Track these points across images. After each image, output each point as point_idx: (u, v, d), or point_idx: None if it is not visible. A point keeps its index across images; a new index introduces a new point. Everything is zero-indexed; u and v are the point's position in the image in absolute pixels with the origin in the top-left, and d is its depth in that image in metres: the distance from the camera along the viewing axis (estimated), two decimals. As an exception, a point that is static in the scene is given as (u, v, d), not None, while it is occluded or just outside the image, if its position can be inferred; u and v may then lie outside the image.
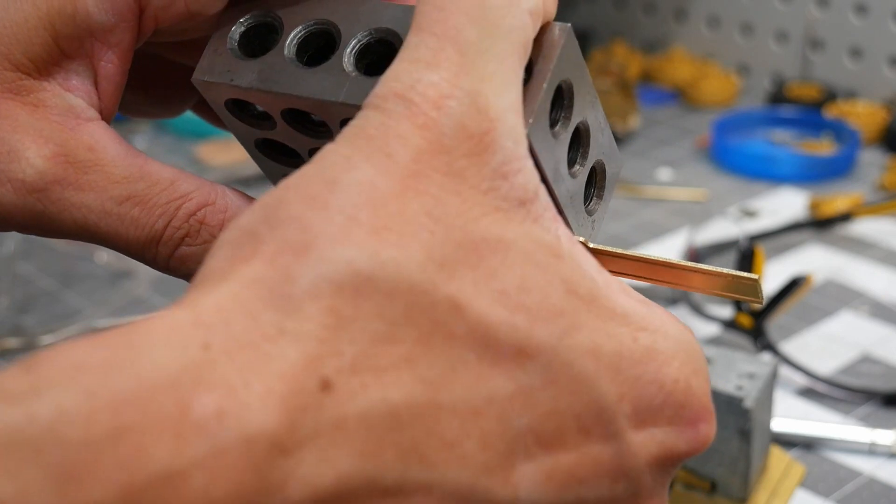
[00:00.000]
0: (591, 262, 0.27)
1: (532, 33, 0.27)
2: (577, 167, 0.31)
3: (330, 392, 0.22)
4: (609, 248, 0.30)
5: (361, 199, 0.24)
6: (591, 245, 0.30)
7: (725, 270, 0.30)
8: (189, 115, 0.40)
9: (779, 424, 0.52)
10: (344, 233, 0.24)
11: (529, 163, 0.26)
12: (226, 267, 0.24)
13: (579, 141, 0.31)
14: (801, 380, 0.57)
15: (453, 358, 0.24)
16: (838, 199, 0.77)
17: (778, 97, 0.96)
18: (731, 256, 0.67)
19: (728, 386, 0.45)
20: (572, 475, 0.25)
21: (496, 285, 0.24)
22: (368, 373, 0.23)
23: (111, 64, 0.32)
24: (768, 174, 0.84)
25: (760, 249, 0.62)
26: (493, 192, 0.25)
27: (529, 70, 0.28)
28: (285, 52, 0.31)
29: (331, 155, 0.25)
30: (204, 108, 0.39)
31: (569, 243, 0.26)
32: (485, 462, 0.24)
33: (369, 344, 0.23)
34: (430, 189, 0.25)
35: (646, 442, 0.26)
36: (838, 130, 0.89)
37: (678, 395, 0.27)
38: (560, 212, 0.30)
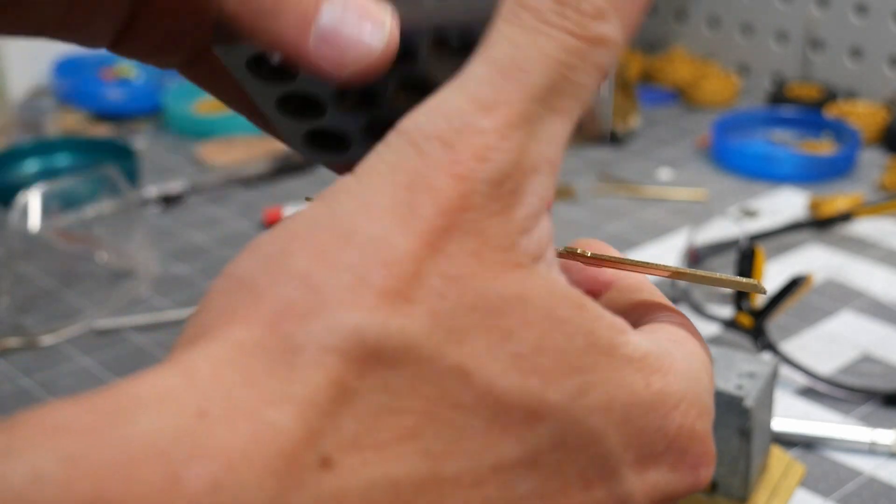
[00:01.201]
0: (602, 308, 0.26)
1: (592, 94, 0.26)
2: None
3: (330, 469, 0.21)
4: (609, 256, 0.30)
5: (375, 257, 0.23)
6: (590, 254, 0.30)
7: (726, 277, 0.30)
8: (189, 114, 0.40)
9: (779, 424, 0.52)
10: (353, 296, 0.22)
11: (546, 214, 0.25)
12: (223, 324, 0.22)
13: None
14: (801, 379, 0.57)
15: (459, 427, 0.23)
16: (838, 199, 0.77)
17: (778, 97, 0.96)
18: (731, 256, 0.67)
19: (728, 385, 0.45)
20: None
21: (511, 348, 0.23)
22: (370, 448, 0.22)
23: None
24: (768, 174, 0.84)
25: (760, 249, 0.62)
26: (515, 248, 0.24)
27: None
28: None
29: (348, 199, 0.23)
30: (195, 70, 0.38)
31: (581, 292, 0.25)
32: None
33: (372, 417, 0.22)
34: (449, 247, 0.23)
35: (645, 487, 0.26)
36: (838, 130, 0.89)
37: (682, 441, 0.26)
38: None
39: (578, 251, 0.30)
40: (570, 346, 0.24)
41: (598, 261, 0.30)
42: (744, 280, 0.29)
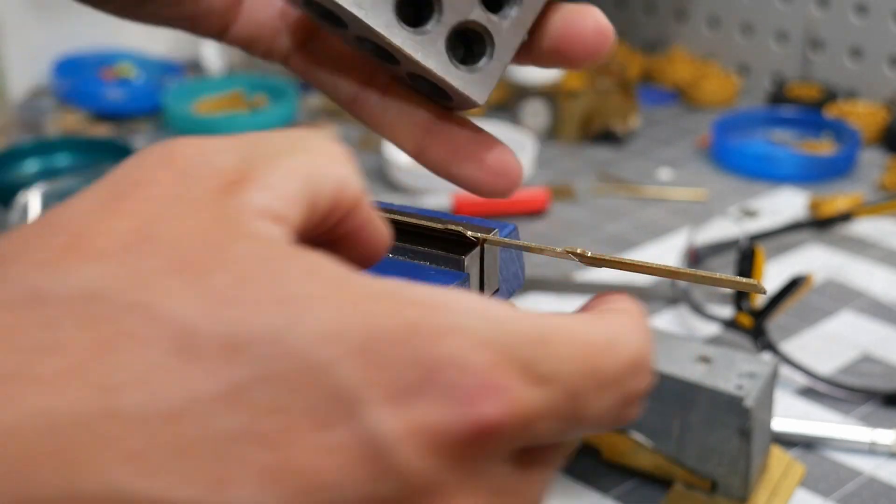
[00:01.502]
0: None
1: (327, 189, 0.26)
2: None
3: None
4: (608, 257, 0.30)
5: (61, 225, 0.23)
6: (589, 254, 0.30)
7: (726, 277, 0.30)
8: (189, 114, 0.41)
9: (779, 424, 0.52)
10: (35, 253, 0.23)
11: (283, 228, 0.25)
12: None
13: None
14: (801, 379, 0.57)
15: (139, 362, 0.22)
16: (838, 199, 0.77)
17: (778, 97, 0.96)
18: (732, 256, 0.67)
19: (728, 385, 0.45)
20: (309, 475, 0.22)
21: (206, 282, 0.22)
22: (28, 382, 0.21)
23: None
24: (768, 174, 0.85)
25: (760, 249, 0.62)
26: (228, 209, 0.24)
27: None
28: None
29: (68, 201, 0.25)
30: (299, 61, 0.39)
31: (313, 252, 0.24)
32: (183, 471, 0.21)
33: (32, 352, 0.21)
34: (151, 207, 0.23)
35: (406, 425, 0.22)
36: (838, 130, 0.89)
37: (447, 373, 0.23)
38: None
39: (578, 251, 0.30)
40: (281, 278, 0.23)
41: (598, 261, 0.30)
42: (744, 280, 0.29)
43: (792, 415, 0.54)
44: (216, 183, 0.24)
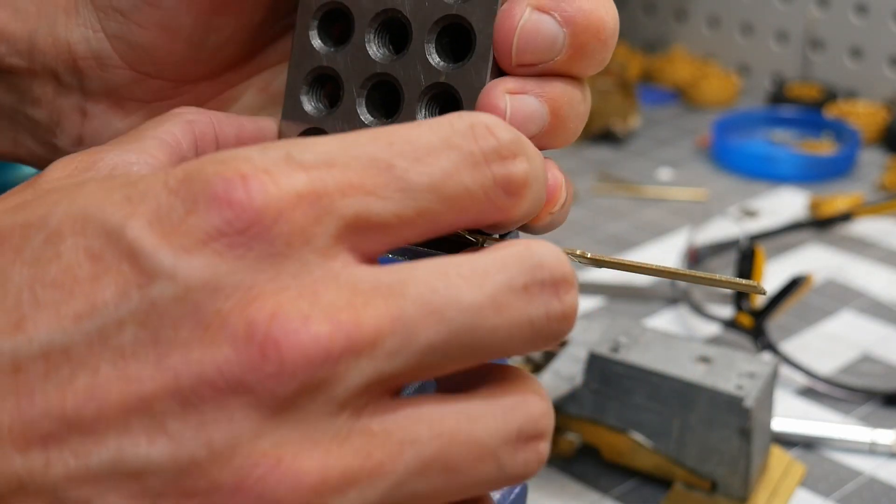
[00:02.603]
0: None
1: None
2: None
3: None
4: (608, 257, 0.30)
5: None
6: (589, 255, 0.30)
7: (725, 278, 0.30)
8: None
9: (779, 424, 0.52)
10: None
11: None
12: None
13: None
14: (801, 379, 0.57)
15: None
16: (838, 199, 0.77)
17: (778, 97, 0.96)
18: (732, 256, 0.67)
19: (728, 385, 0.45)
20: (87, 298, 0.23)
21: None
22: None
23: None
24: (768, 174, 0.85)
25: (760, 249, 0.62)
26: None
27: None
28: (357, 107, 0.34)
29: None
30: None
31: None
32: None
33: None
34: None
35: (160, 232, 0.23)
36: (838, 130, 0.89)
37: (198, 186, 0.24)
38: None
39: (578, 251, 0.30)
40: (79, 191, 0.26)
41: (598, 261, 0.30)
42: (743, 281, 0.29)
43: (792, 415, 0.54)
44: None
